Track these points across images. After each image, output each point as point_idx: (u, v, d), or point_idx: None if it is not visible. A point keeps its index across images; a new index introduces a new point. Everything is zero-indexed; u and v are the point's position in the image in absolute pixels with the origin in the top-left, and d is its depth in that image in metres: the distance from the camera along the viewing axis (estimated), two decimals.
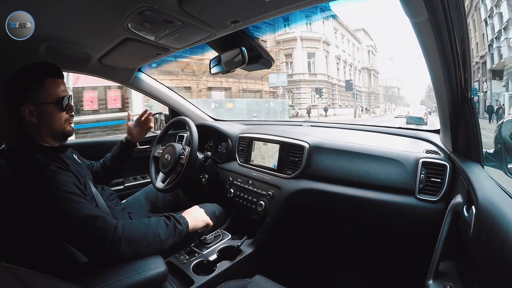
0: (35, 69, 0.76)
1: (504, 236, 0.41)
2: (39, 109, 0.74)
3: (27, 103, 0.73)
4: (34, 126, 0.75)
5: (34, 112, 0.74)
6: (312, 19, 17.65)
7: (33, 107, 0.73)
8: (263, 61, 1.08)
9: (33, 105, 0.73)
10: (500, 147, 0.74)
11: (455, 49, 0.62)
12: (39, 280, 0.45)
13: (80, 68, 1.23)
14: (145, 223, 0.75)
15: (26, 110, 0.73)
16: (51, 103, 0.76)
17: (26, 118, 0.73)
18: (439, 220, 0.73)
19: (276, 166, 1.19)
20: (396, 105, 40.22)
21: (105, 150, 1.23)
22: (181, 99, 1.66)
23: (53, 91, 0.76)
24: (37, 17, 0.70)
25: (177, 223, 0.81)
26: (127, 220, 0.76)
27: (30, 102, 0.73)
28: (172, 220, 0.81)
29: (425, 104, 41.54)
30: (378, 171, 0.95)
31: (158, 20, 0.77)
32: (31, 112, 0.73)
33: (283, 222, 1.13)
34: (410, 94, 61.27)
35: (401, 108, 25.57)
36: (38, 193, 0.67)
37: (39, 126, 0.75)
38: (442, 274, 0.67)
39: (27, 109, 0.73)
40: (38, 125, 0.75)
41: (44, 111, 0.75)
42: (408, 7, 0.59)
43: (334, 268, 1.30)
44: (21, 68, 0.75)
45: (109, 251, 0.67)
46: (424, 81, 48.31)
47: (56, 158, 0.74)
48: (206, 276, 0.93)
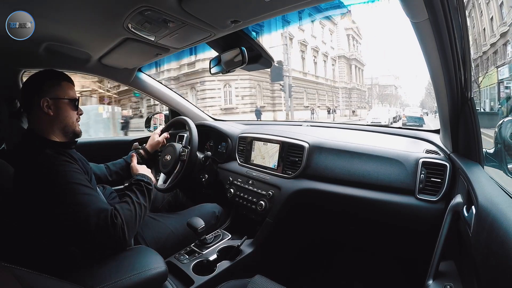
0: (54, 72, 0.85)
1: (504, 236, 0.41)
2: (56, 104, 0.80)
3: (47, 96, 0.79)
4: (49, 119, 0.80)
5: (52, 105, 0.79)
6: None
7: (52, 101, 0.79)
8: (263, 61, 1.08)
9: (52, 99, 0.79)
10: (500, 147, 0.73)
11: (455, 49, 0.62)
12: (39, 280, 0.45)
13: (80, 68, 1.23)
14: (129, 201, 0.81)
15: (44, 103, 0.78)
16: (67, 99, 0.83)
17: (44, 109, 0.78)
18: (439, 220, 0.73)
19: (276, 166, 1.19)
20: (391, 105, 35.99)
21: (110, 150, 1.23)
22: (181, 99, 1.66)
23: (69, 91, 0.84)
24: (37, 17, 0.70)
25: (147, 184, 0.90)
26: (116, 205, 0.79)
27: (49, 96, 0.79)
28: (143, 185, 0.89)
29: (425, 104, 40.50)
30: (378, 171, 0.95)
31: (158, 20, 0.77)
32: (49, 105, 0.79)
33: (283, 222, 1.13)
34: (406, 92, 57.37)
35: (380, 109, 17.67)
36: (49, 186, 0.69)
37: (54, 119, 0.80)
38: (442, 274, 0.67)
39: (46, 102, 0.78)
40: (53, 118, 0.80)
41: (60, 106, 0.81)
42: (408, 7, 0.59)
43: (334, 268, 1.30)
44: (41, 71, 0.83)
45: (119, 238, 0.71)
46: (424, 79, 46.56)
47: (65, 152, 0.77)
48: (206, 276, 0.93)
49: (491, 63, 8.31)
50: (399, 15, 26.67)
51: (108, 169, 1.14)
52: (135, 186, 0.88)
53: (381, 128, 1.38)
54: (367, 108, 27.49)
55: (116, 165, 1.16)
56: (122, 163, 1.17)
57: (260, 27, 11.11)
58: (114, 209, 0.74)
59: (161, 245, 0.99)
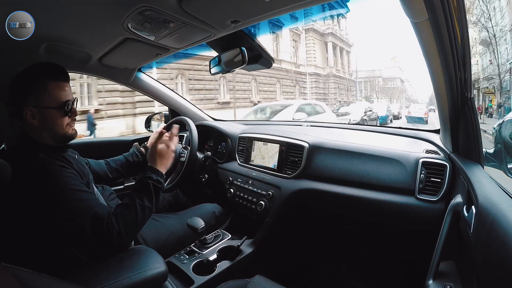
0: (39, 70, 0.74)
1: (504, 236, 0.41)
2: (41, 112, 0.72)
3: (29, 105, 0.71)
4: (35, 129, 0.74)
5: (36, 115, 0.72)
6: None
7: (35, 109, 0.72)
8: (263, 61, 1.08)
9: (35, 108, 0.72)
10: (500, 147, 0.74)
11: (455, 49, 0.62)
12: (39, 280, 0.45)
13: (80, 68, 1.23)
14: (131, 205, 0.74)
15: (28, 113, 0.71)
16: (53, 108, 0.74)
17: (27, 120, 0.72)
18: (439, 220, 0.73)
19: (276, 166, 1.19)
20: (396, 100, 32.40)
21: (110, 150, 1.23)
22: (181, 99, 1.66)
23: (56, 95, 0.74)
24: (37, 17, 0.70)
25: (156, 183, 0.80)
26: (116, 209, 0.75)
27: (32, 105, 0.71)
28: (150, 184, 0.79)
29: (434, 100, 39.29)
30: (378, 171, 0.95)
31: (158, 20, 0.77)
32: (33, 114, 0.72)
33: (283, 222, 1.13)
34: (414, 86, 51.54)
35: (357, 104, 12.38)
36: (44, 192, 0.68)
37: (40, 129, 0.74)
38: (442, 274, 0.67)
39: (29, 111, 0.71)
40: (39, 128, 0.74)
41: (46, 115, 0.73)
42: (408, 7, 0.59)
43: (334, 268, 1.30)
44: (26, 68, 0.73)
45: (118, 243, 0.70)
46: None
47: (59, 157, 0.74)
48: (206, 276, 0.93)
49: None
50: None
51: (108, 166, 1.13)
52: (142, 186, 0.80)
53: (381, 128, 1.38)
54: (356, 102, 17.58)
55: (117, 162, 1.15)
56: (122, 160, 1.16)
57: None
58: (112, 214, 0.71)
59: (161, 245, 0.99)
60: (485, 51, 12.78)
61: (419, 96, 53.95)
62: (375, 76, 30.94)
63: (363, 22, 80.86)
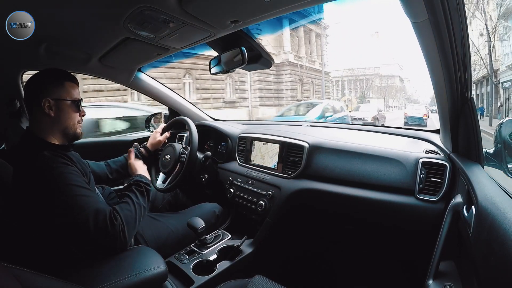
0: (57, 71, 0.83)
1: (504, 236, 0.41)
2: (58, 104, 0.79)
3: (48, 96, 0.78)
4: (49, 120, 0.79)
5: (53, 106, 0.78)
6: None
7: (53, 101, 0.78)
8: (263, 61, 1.08)
9: (53, 100, 0.78)
10: (500, 147, 0.73)
11: (455, 49, 0.62)
12: (39, 280, 0.45)
13: (80, 68, 1.23)
14: (129, 202, 0.81)
15: (46, 103, 0.77)
16: (70, 101, 0.82)
17: (45, 110, 0.77)
18: (439, 220, 0.73)
19: (276, 166, 1.19)
20: (392, 100, 30.95)
21: (110, 150, 1.23)
22: (181, 99, 1.66)
23: (71, 92, 0.83)
24: (37, 17, 0.70)
25: (146, 185, 0.90)
26: (116, 206, 0.79)
27: (51, 97, 0.78)
28: (143, 186, 0.89)
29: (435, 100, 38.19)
30: (378, 171, 0.95)
31: (158, 20, 0.77)
32: (50, 106, 0.78)
33: (283, 222, 1.13)
34: (414, 86, 49.34)
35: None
36: (48, 188, 0.69)
37: (54, 121, 0.79)
38: (442, 274, 0.67)
39: (47, 102, 0.77)
40: (54, 119, 0.79)
41: (62, 107, 0.80)
42: (408, 7, 0.59)
43: (334, 268, 1.30)
44: (44, 70, 0.82)
45: (120, 239, 0.72)
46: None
47: (62, 155, 0.76)
48: (206, 276, 0.93)
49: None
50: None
51: (108, 167, 1.13)
52: (135, 187, 0.88)
53: (381, 128, 1.38)
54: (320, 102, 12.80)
55: (117, 162, 1.16)
56: (123, 161, 1.16)
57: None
58: (114, 210, 0.74)
59: (161, 245, 0.99)
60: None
61: (420, 96, 53.04)
62: (373, 74, 29.25)
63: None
